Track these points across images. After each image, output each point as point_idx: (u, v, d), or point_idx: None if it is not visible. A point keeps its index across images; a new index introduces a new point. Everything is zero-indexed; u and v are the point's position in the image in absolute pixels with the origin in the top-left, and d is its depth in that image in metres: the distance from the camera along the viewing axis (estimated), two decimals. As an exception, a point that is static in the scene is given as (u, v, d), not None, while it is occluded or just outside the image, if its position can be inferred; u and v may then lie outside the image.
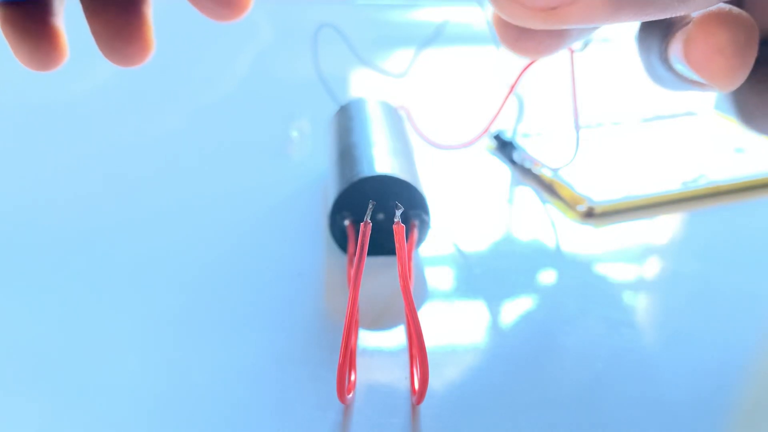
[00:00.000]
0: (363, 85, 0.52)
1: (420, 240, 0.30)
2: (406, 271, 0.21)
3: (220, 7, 0.22)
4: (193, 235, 0.32)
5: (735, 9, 0.17)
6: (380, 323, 0.27)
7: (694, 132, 0.43)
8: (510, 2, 0.16)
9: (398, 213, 0.20)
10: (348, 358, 0.21)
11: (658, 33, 0.19)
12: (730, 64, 0.16)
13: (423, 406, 0.22)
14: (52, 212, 0.34)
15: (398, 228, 0.20)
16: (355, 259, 0.20)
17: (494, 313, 0.28)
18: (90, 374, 0.24)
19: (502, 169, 0.39)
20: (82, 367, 0.24)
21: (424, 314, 0.27)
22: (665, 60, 0.19)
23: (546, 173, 0.37)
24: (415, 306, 0.21)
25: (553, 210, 0.35)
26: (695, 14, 0.17)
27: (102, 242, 0.32)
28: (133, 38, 0.23)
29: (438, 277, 0.30)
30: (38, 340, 0.25)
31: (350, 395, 0.22)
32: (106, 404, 0.23)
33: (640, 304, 0.29)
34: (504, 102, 0.35)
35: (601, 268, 0.31)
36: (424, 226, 0.30)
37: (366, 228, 0.20)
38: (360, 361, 0.24)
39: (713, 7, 0.17)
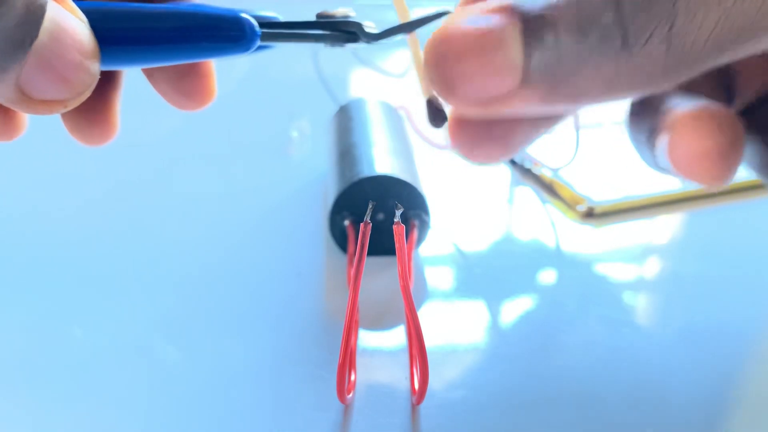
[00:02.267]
0: (363, 85, 0.52)
1: (420, 240, 0.30)
2: (406, 271, 0.21)
3: (185, 99, 0.23)
4: (192, 234, 0.32)
5: (718, 109, 0.16)
6: (380, 323, 0.27)
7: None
8: (454, 85, 0.16)
9: (398, 213, 0.20)
10: (348, 358, 0.21)
11: (645, 125, 0.19)
12: (716, 168, 0.16)
13: (423, 406, 0.22)
14: (52, 212, 0.34)
15: (398, 228, 0.21)
16: (355, 259, 0.20)
17: (494, 313, 0.28)
18: (90, 374, 0.24)
19: (502, 169, 0.39)
20: (82, 367, 0.24)
21: (424, 314, 0.27)
22: (654, 154, 0.18)
23: (546, 173, 0.37)
24: (415, 306, 0.21)
25: (553, 210, 0.35)
26: (678, 109, 0.17)
27: (102, 242, 0.31)
28: (98, 122, 0.23)
29: (438, 277, 0.30)
30: (38, 339, 0.25)
31: (350, 395, 0.22)
32: (106, 404, 0.22)
33: (640, 304, 0.29)
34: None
35: (601, 268, 0.31)
36: (424, 226, 0.30)
37: (366, 228, 0.20)
38: (360, 361, 0.24)
39: (694, 107, 0.16)
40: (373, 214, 0.29)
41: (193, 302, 0.27)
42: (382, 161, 0.30)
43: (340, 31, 0.21)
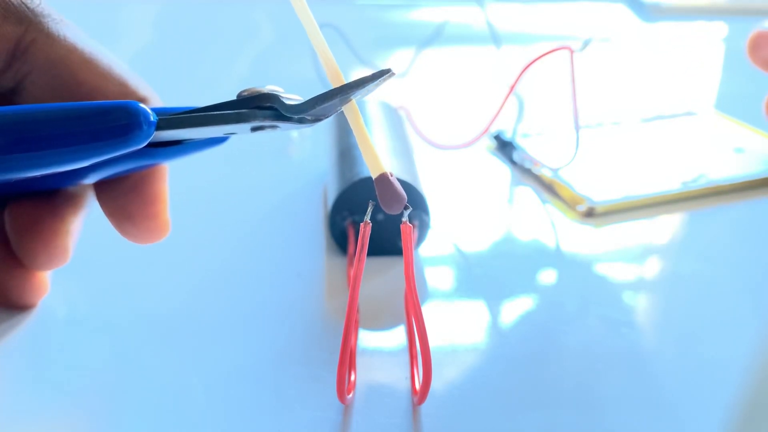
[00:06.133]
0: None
1: (420, 240, 0.30)
2: (412, 271, 0.21)
3: (130, 225, 0.22)
4: (192, 235, 0.32)
5: None
6: (380, 323, 0.27)
7: (694, 132, 0.43)
8: None
9: (405, 213, 0.20)
10: (348, 358, 0.21)
11: None
12: None
13: (423, 406, 0.22)
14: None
15: (406, 228, 0.20)
16: (355, 259, 0.20)
17: (494, 313, 0.28)
18: (90, 374, 0.24)
19: (502, 169, 0.39)
20: (82, 367, 0.24)
21: (424, 314, 0.27)
22: None
23: (546, 173, 0.37)
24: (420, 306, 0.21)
25: (553, 210, 0.35)
26: None
27: (101, 242, 0.31)
28: (42, 242, 0.22)
29: (438, 277, 0.30)
30: (38, 338, 0.25)
31: (350, 395, 0.22)
32: (106, 404, 0.23)
33: (640, 304, 0.29)
34: (504, 102, 0.35)
35: (601, 268, 0.31)
36: (424, 226, 0.30)
37: (366, 228, 0.20)
38: (360, 361, 0.24)
39: None
40: (373, 214, 0.29)
41: (193, 302, 0.27)
42: (382, 161, 0.30)
43: (257, 107, 0.19)
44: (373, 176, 0.19)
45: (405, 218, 0.20)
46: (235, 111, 0.19)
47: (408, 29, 0.65)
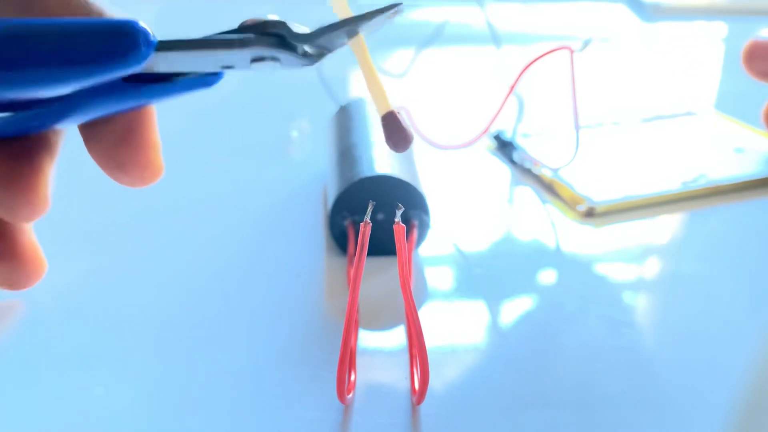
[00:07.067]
0: (363, 85, 0.52)
1: (420, 240, 0.30)
2: (407, 271, 0.21)
3: (120, 173, 0.21)
4: (192, 235, 0.32)
5: None
6: (380, 323, 0.27)
7: (694, 132, 0.43)
8: None
9: (398, 213, 0.20)
10: (348, 358, 0.21)
11: None
12: None
13: (423, 406, 0.22)
14: (52, 212, 0.34)
15: (398, 228, 0.20)
16: (355, 259, 0.20)
17: (494, 313, 0.28)
18: (90, 374, 0.24)
19: (502, 169, 0.39)
20: (82, 367, 0.24)
21: (424, 314, 0.27)
22: None
23: (546, 173, 0.37)
24: (415, 306, 0.21)
25: (553, 210, 0.35)
26: None
27: (101, 242, 0.31)
28: (21, 192, 0.20)
29: (438, 277, 0.30)
30: (37, 337, 0.25)
31: (350, 395, 0.22)
32: (106, 404, 0.23)
33: (640, 304, 0.29)
34: (504, 102, 0.35)
35: (601, 268, 0.31)
36: (424, 226, 0.30)
37: (366, 228, 0.20)
38: (360, 361, 0.24)
39: None
40: (373, 214, 0.29)
41: (194, 302, 0.27)
42: (382, 161, 0.30)
43: (263, 34, 0.18)
44: (380, 113, 0.19)
45: (398, 218, 0.20)
46: (240, 36, 0.18)
47: (408, 29, 0.65)
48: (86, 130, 0.21)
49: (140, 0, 0.75)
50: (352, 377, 0.23)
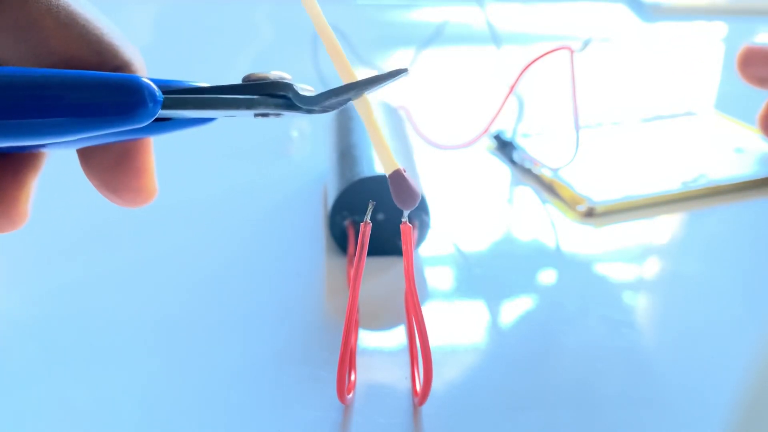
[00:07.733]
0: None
1: (420, 240, 0.30)
2: (413, 271, 0.21)
3: (114, 197, 0.21)
4: (192, 235, 0.32)
5: None
6: (380, 323, 0.27)
7: (694, 132, 0.43)
8: None
9: (405, 213, 0.20)
10: (348, 358, 0.21)
11: None
12: None
13: (423, 406, 0.22)
14: (51, 212, 0.34)
15: (405, 228, 0.20)
16: (355, 259, 0.20)
17: (494, 313, 0.28)
18: (89, 375, 0.24)
19: (502, 169, 0.39)
20: (82, 367, 0.24)
21: (424, 314, 0.27)
22: None
23: (546, 173, 0.37)
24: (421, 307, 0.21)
25: (553, 210, 0.35)
26: None
27: (101, 242, 0.32)
28: (8, 211, 0.20)
29: (438, 277, 0.30)
30: (37, 337, 0.25)
31: (350, 395, 0.22)
32: (106, 404, 0.23)
33: (640, 304, 0.29)
34: (504, 102, 0.35)
35: (601, 268, 0.31)
36: (424, 226, 0.30)
37: (366, 228, 0.20)
38: (360, 361, 0.24)
39: None
40: (373, 214, 0.29)
41: (194, 302, 0.27)
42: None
43: (269, 95, 0.18)
44: (387, 173, 0.19)
45: (405, 218, 0.20)
46: (247, 97, 0.18)
47: (408, 29, 0.65)
48: (82, 151, 0.21)
49: (140, 0, 0.75)
50: (352, 377, 0.23)
